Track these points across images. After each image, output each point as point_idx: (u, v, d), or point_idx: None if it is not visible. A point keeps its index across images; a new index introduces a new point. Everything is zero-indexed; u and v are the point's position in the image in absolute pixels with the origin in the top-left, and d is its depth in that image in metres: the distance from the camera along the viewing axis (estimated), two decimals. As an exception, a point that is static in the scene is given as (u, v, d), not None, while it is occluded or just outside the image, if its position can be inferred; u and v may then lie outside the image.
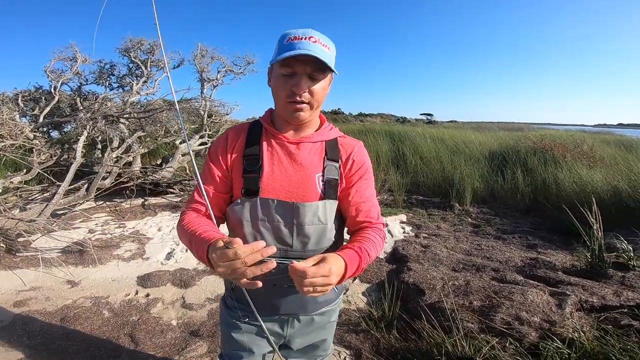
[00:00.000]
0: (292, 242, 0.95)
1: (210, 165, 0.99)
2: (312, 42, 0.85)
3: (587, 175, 4.48)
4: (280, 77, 0.88)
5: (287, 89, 0.88)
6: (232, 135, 1.01)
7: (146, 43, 7.16)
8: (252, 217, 0.94)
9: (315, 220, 0.94)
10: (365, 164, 1.04)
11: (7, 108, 5.61)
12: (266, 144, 0.98)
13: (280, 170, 0.96)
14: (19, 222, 3.21)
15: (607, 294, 2.11)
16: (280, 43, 0.88)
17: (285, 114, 0.93)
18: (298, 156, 0.97)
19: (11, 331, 2.12)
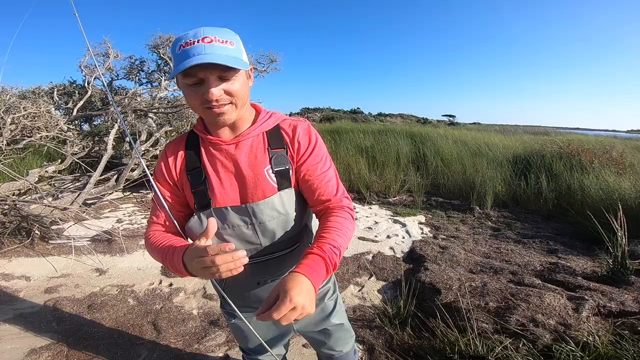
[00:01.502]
0: (259, 240, 0.95)
1: (159, 187, 0.95)
2: (208, 43, 0.78)
3: (614, 182, 4.35)
4: (187, 87, 0.82)
5: (199, 97, 0.82)
6: (171, 151, 0.97)
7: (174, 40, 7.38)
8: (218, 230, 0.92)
9: (274, 214, 0.92)
10: (311, 141, 0.97)
11: (43, 101, 5.90)
12: (205, 153, 0.94)
13: (226, 176, 0.93)
14: (54, 210, 3.39)
15: (626, 300, 2.08)
16: (174, 52, 0.81)
17: (210, 120, 0.89)
18: (240, 156, 0.92)
19: (41, 316, 2.24)
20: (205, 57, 0.76)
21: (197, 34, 0.79)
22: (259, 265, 0.97)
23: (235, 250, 0.71)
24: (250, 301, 1.03)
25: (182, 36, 0.80)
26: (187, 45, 0.78)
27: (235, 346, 2.01)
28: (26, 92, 6.69)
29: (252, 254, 0.95)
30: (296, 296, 0.68)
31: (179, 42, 0.80)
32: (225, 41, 0.80)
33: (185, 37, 0.79)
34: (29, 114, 4.95)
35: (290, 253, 1.00)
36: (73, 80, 7.51)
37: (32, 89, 6.98)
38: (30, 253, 3.09)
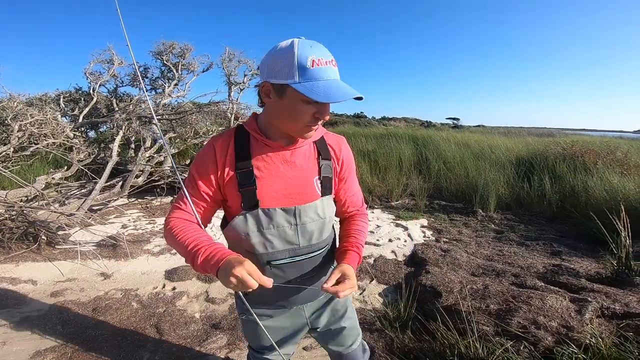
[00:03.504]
0: (297, 241, 1.00)
1: (198, 181, 0.97)
2: (334, 67, 0.84)
3: (618, 182, 4.32)
4: (301, 102, 0.85)
5: (310, 115, 0.87)
6: (220, 148, 0.96)
7: (177, 47, 7.46)
8: (257, 227, 0.96)
9: (315, 217, 1.00)
10: (351, 160, 1.12)
11: (49, 108, 5.99)
12: (257, 154, 0.96)
13: (277, 179, 0.96)
14: (60, 216, 3.44)
15: (630, 302, 2.06)
16: (301, 63, 0.81)
17: (296, 134, 0.94)
18: (294, 163, 0.98)
19: (47, 319, 2.26)
20: (348, 89, 0.83)
21: (325, 54, 0.84)
22: (293, 264, 1.03)
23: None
24: (274, 299, 1.09)
25: (312, 52, 0.82)
26: (320, 63, 0.82)
27: (236, 349, 2.02)
28: (33, 99, 6.79)
29: (289, 254, 1.01)
30: (354, 279, 0.93)
31: (308, 56, 0.81)
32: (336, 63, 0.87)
33: (312, 52, 0.81)
34: (36, 121, 5.04)
35: (319, 254, 1.08)
36: (79, 87, 7.62)
37: (39, 95, 7.08)
38: (37, 258, 3.13)
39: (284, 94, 0.85)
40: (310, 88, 0.80)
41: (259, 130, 0.97)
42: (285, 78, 0.82)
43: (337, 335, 1.24)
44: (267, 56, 0.87)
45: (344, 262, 0.99)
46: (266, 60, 0.87)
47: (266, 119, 0.97)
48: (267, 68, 0.86)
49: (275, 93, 0.87)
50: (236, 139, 0.97)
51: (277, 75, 0.83)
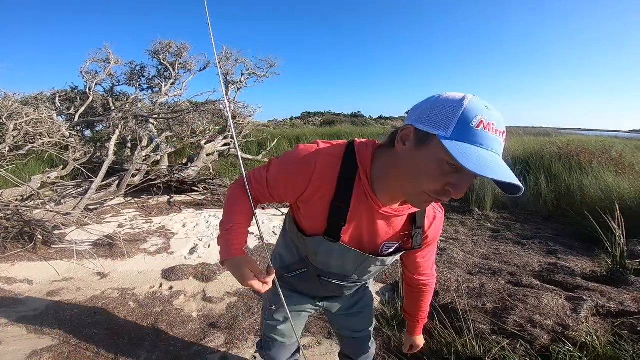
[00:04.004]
0: (352, 274, 1.04)
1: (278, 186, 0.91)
2: (503, 141, 0.66)
3: (613, 182, 4.35)
4: (438, 162, 0.66)
5: (442, 183, 0.68)
6: (322, 170, 0.84)
7: (174, 46, 7.45)
8: (327, 253, 0.96)
9: (378, 265, 1.01)
10: (439, 232, 1.02)
11: (45, 107, 5.95)
12: (358, 198, 0.85)
13: (366, 228, 0.91)
14: (56, 215, 3.42)
15: (625, 300, 2.08)
16: (465, 117, 0.63)
17: (410, 198, 0.78)
18: (384, 226, 0.91)
19: (43, 319, 2.25)
20: (508, 171, 0.63)
21: (500, 121, 0.65)
22: (337, 284, 1.09)
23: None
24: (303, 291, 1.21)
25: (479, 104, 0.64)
26: (489, 128, 0.63)
27: (234, 348, 2.02)
28: (28, 98, 6.75)
29: (339, 278, 1.06)
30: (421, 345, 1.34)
31: (477, 114, 0.63)
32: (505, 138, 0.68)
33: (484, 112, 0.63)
34: (32, 120, 5.01)
35: (363, 284, 1.25)
36: (75, 86, 7.58)
37: (35, 95, 7.04)
38: (32, 257, 3.12)
39: (425, 144, 0.68)
40: (461, 149, 0.62)
41: (369, 176, 0.83)
42: (436, 128, 0.65)
43: (353, 317, 1.31)
44: (425, 101, 0.72)
45: (416, 335, 1.31)
46: (422, 104, 0.72)
47: (384, 168, 0.81)
48: (419, 112, 0.70)
49: (414, 141, 0.70)
50: (343, 168, 0.84)
51: (427, 122, 0.67)
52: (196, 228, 4.07)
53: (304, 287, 1.19)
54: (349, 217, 0.86)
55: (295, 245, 1.08)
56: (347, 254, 0.95)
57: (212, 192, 5.70)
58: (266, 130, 9.85)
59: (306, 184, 0.85)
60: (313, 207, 0.89)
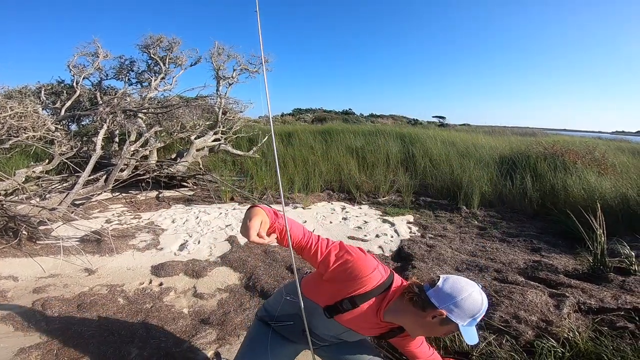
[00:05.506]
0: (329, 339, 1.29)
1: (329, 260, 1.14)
2: None
3: (596, 182, 4.47)
4: (448, 331, 1.09)
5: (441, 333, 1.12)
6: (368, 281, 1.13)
7: (165, 40, 7.34)
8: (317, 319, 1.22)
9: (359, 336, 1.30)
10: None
11: (30, 101, 5.82)
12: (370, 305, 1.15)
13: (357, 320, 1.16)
14: (42, 210, 3.36)
15: (605, 297, 2.15)
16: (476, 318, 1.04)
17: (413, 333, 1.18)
18: (373, 327, 1.20)
19: (30, 316, 2.22)
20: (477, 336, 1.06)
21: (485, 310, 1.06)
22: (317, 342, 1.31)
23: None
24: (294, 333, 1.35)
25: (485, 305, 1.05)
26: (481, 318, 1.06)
27: (226, 344, 2.03)
28: (12, 92, 6.59)
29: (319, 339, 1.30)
30: None
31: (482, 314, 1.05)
32: None
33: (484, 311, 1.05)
34: (16, 113, 4.89)
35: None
36: (61, 80, 7.42)
37: (19, 88, 6.87)
38: (17, 253, 3.06)
39: (448, 325, 1.06)
40: (469, 333, 1.04)
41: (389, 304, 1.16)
42: (458, 319, 1.03)
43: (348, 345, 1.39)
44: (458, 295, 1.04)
45: None
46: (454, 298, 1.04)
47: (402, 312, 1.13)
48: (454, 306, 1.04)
49: (441, 320, 1.06)
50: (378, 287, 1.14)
51: (457, 316, 1.03)
52: (186, 224, 4.05)
53: (289, 335, 1.35)
54: (353, 311, 1.14)
55: (290, 302, 1.31)
56: (332, 326, 1.21)
57: (201, 187, 5.67)
58: (257, 126, 9.78)
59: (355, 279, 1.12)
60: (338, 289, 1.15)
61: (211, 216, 4.37)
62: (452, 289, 1.05)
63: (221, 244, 3.50)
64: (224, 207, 4.76)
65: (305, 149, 7.56)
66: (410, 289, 1.12)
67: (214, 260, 3.12)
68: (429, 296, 1.06)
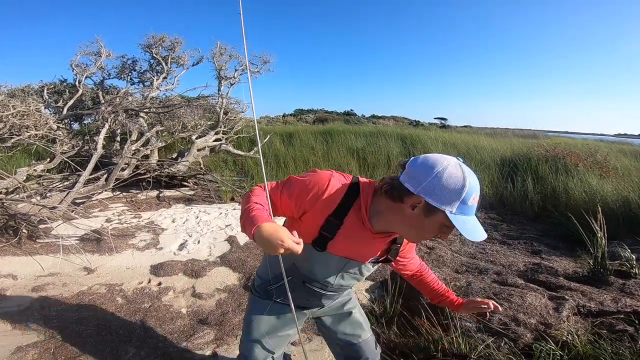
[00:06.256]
0: (334, 282, 1.17)
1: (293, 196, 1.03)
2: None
3: (597, 184, 4.46)
4: (442, 225, 0.90)
5: (433, 233, 0.94)
6: (330, 193, 1.00)
7: (167, 40, 7.36)
8: (310, 259, 1.11)
9: (357, 274, 1.19)
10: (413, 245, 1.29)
11: (32, 99, 5.84)
12: (352, 220, 1.01)
13: (350, 245, 1.06)
14: (42, 209, 3.37)
15: (605, 300, 2.14)
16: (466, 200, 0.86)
17: (408, 238, 1.08)
18: (371, 245, 1.09)
19: (28, 315, 2.22)
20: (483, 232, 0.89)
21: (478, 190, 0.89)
22: (319, 293, 1.20)
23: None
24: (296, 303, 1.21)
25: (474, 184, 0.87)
26: (475, 201, 0.88)
27: (224, 344, 2.03)
28: (15, 90, 6.61)
29: (321, 286, 1.18)
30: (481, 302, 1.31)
31: (472, 194, 0.86)
32: None
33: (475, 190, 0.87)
34: (18, 112, 4.90)
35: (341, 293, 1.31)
36: (64, 79, 7.45)
37: (22, 87, 6.90)
38: (17, 252, 3.07)
39: (434, 215, 0.89)
40: (463, 223, 0.86)
41: (368, 208, 1.01)
42: (444, 205, 0.86)
43: (345, 319, 1.36)
44: (430, 172, 0.87)
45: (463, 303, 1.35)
46: (427, 174, 0.87)
47: (385, 212, 0.99)
48: (428, 185, 0.87)
49: (424, 210, 0.89)
50: (346, 194, 1.01)
51: (438, 199, 0.86)
52: (186, 223, 4.05)
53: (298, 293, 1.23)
54: (338, 233, 1.02)
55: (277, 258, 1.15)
56: (330, 261, 1.10)
57: (202, 187, 5.67)
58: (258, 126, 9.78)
59: (316, 198, 1.00)
60: (312, 220, 1.03)
61: (211, 216, 4.37)
62: (423, 166, 0.89)
63: (221, 244, 3.50)
64: (224, 207, 4.76)
65: (306, 149, 7.57)
66: (384, 180, 1.00)
67: (213, 260, 3.12)
68: (402, 182, 0.91)
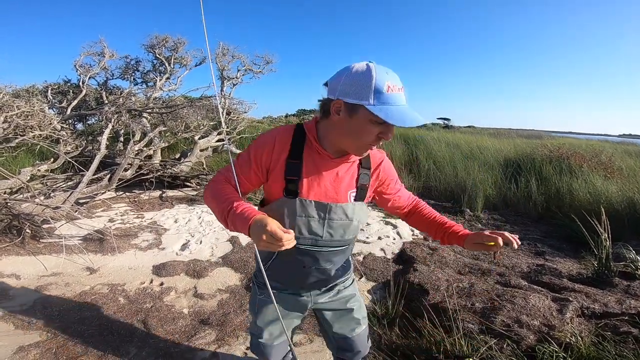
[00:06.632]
0: (322, 233, 1.09)
1: (253, 162, 1.07)
2: (404, 95, 0.92)
3: (602, 185, 4.42)
4: (370, 122, 0.91)
5: (374, 134, 0.94)
6: (280, 138, 1.05)
7: (170, 40, 7.39)
8: (290, 213, 1.05)
9: (343, 217, 1.09)
10: (391, 169, 1.22)
11: (37, 100, 5.88)
12: (309, 155, 1.05)
13: (320, 179, 1.06)
14: (45, 209, 3.38)
15: (609, 302, 2.13)
16: (378, 87, 0.87)
17: (355, 151, 1.03)
18: (337, 174, 1.07)
19: (30, 314, 2.23)
20: (418, 117, 0.90)
21: (398, 80, 0.91)
22: (312, 252, 1.12)
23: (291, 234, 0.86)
24: (288, 283, 1.21)
25: (387, 77, 0.89)
26: (394, 89, 0.89)
27: (225, 344, 2.03)
28: (20, 91, 6.66)
29: (311, 243, 1.10)
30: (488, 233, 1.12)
31: (385, 81, 0.88)
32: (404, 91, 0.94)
33: (389, 79, 0.89)
34: (22, 112, 4.94)
35: (339, 250, 1.17)
36: (68, 80, 7.49)
37: (26, 87, 6.94)
38: (20, 252, 3.08)
39: (356, 113, 0.92)
40: (385, 111, 0.87)
41: (317, 137, 1.05)
42: (360, 99, 0.89)
43: (345, 315, 1.32)
44: (341, 76, 0.93)
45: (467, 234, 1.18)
46: (340, 79, 0.93)
47: (326, 132, 1.03)
48: (342, 87, 0.92)
49: (346, 111, 0.93)
50: (294, 136, 1.06)
51: (352, 96, 0.90)
52: (188, 224, 4.06)
53: (286, 274, 1.20)
54: (303, 171, 1.04)
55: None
56: (309, 208, 1.06)
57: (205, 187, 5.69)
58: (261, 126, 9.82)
59: (271, 151, 1.04)
60: (276, 173, 1.05)
61: (213, 216, 4.36)
62: (336, 75, 0.95)
63: (223, 244, 3.50)
64: (226, 208, 4.76)
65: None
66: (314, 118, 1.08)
67: (215, 261, 3.12)
68: (327, 94, 0.98)
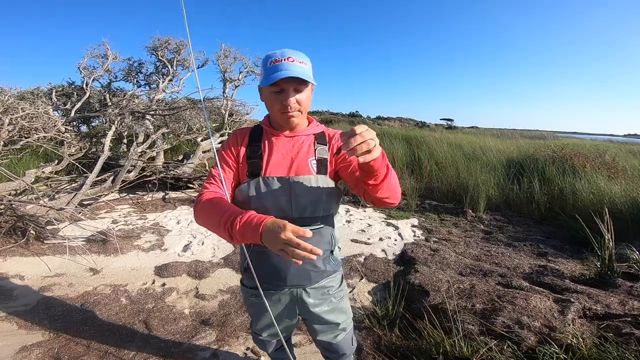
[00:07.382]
0: (291, 211, 1.11)
1: (226, 156, 1.18)
2: (291, 62, 1.03)
3: (605, 186, 4.39)
4: (271, 94, 1.08)
5: (279, 103, 1.08)
6: (240, 133, 1.23)
7: (173, 42, 7.44)
8: (257, 193, 1.11)
9: (308, 189, 1.12)
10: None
11: (41, 102, 5.92)
12: (266, 138, 1.18)
13: (278, 156, 1.14)
14: (49, 210, 3.41)
15: (612, 303, 2.11)
16: (265, 66, 1.06)
17: (281, 121, 1.14)
18: (293, 146, 1.16)
19: (34, 314, 2.26)
20: (289, 72, 1.00)
21: (284, 54, 1.03)
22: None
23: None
24: (271, 278, 1.20)
25: (272, 54, 1.05)
26: (276, 62, 1.02)
27: (225, 345, 2.03)
28: (25, 93, 6.72)
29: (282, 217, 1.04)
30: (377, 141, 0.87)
31: (269, 59, 1.04)
32: (301, 62, 1.05)
33: (274, 55, 1.04)
34: (27, 114, 4.98)
35: (314, 231, 1.13)
36: (72, 82, 7.54)
37: (31, 89, 7.00)
38: (25, 252, 3.11)
39: (261, 92, 1.13)
40: (265, 80, 1.03)
41: (269, 124, 1.21)
42: (260, 82, 1.09)
43: (327, 324, 1.32)
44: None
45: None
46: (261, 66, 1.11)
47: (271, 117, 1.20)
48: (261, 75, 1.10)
49: (260, 94, 1.15)
50: (252, 129, 1.23)
51: (260, 82, 1.09)
52: (190, 225, 4.07)
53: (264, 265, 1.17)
54: (263, 151, 1.15)
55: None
56: (273, 185, 1.11)
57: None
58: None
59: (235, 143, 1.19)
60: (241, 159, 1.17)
61: (216, 217, 4.38)
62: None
63: (224, 245, 3.51)
64: (229, 209, 4.77)
65: (311, 150, 7.57)
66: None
67: (216, 262, 3.13)
68: None
